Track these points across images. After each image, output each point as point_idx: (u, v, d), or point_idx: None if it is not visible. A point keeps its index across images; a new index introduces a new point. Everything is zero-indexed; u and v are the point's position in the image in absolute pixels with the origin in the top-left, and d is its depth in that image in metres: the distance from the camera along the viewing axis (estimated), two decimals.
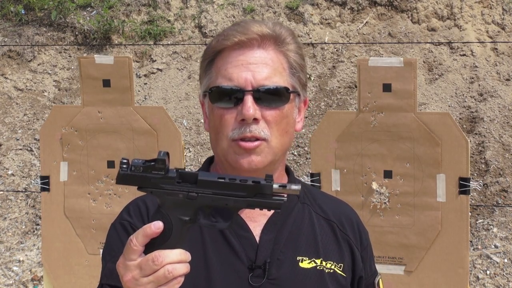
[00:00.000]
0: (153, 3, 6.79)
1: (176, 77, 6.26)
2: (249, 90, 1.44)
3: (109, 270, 1.47)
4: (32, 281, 4.88)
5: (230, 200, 1.26)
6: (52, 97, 6.35)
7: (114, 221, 1.54)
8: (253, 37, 1.47)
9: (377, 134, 2.67)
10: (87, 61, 2.86)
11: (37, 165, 5.68)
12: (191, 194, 1.25)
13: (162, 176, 1.24)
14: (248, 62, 1.46)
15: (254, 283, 1.45)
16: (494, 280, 4.53)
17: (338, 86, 5.97)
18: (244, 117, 1.43)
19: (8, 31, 6.87)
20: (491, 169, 5.12)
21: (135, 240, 1.23)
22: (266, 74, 1.46)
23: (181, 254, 1.23)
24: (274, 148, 1.47)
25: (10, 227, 5.36)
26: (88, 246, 2.91)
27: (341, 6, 6.50)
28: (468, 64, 5.92)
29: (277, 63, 1.49)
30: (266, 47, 1.48)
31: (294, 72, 1.52)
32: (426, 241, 2.65)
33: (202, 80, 1.54)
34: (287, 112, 1.49)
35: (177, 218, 1.25)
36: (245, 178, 1.26)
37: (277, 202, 1.25)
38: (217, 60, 1.50)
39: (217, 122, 1.48)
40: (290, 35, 1.53)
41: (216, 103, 1.48)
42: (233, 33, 1.47)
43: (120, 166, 1.24)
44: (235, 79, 1.45)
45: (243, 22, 1.52)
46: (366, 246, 1.64)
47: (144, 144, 2.83)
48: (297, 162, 5.46)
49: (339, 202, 1.71)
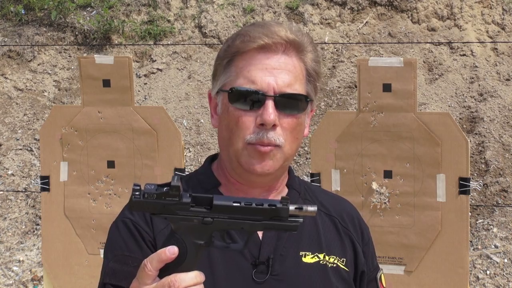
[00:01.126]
0: (153, 3, 6.79)
1: (176, 77, 6.26)
2: (271, 96, 1.44)
3: (111, 269, 1.47)
4: (32, 281, 4.89)
5: (246, 224, 1.25)
6: (52, 97, 6.35)
7: (116, 219, 1.54)
8: (279, 41, 1.47)
9: (377, 134, 2.67)
10: (87, 61, 2.86)
11: (37, 165, 5.68)
12: (207, 219, 1.24)
13: (176, 202, 1.23)
14: (273, 67, 1.46)
15: (258, 279, 1.46)
16: (494, 280, 4.53)
17: (338, 86, 5.97)
18: (265, 122, 1.43)
19: (8, 31, 6.87)
20: (491, 169, 5.12)
21: (150, 265, 1.22)
22: (288, 81, 1.46)
23: (196, 277, 1.23)
24: (286, 154, 1.48)
25: (10, 227, 5.36)
26: (88, 246, 2.91)
27: (341, 6, 6.50)
28: (468, 64, 5.92)
29: (298, 71, 1.49)
30: (289, 53, 1.49)
31: (311, 80, 1.53)
32: (426, 241, 2.65)
33: (218, 77, 1.53)
34: (301, 120, 1.51)
35: (191, 242, 1.24)
36: (260, 201, 1.25)
37: (293, 225, 1.25)
38: (237, 60, 1.49)
39: (232, 122, 1.47)
40: (311, 44, 1.53)
41: (234, 103, 1.47)
42: (259, 35, 1.47)
43: (132, 192, 1.22)
44: (258, 82, 1.45)
45: (267, 24, 1.51)
46: (368, 242, 1.65)
47: (144, 144, 2.83)
48: (297, 162, 5.46)
49: (339, 198, 1.72)
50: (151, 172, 2.83)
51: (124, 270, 1.37)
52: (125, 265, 1.42)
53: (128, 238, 1.48)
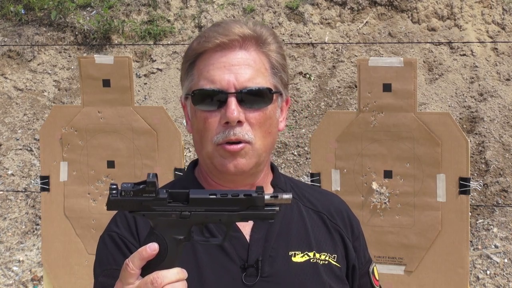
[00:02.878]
0: (153, 3, 6.79)
1: (176, 77, 6.26)
2: (233, 92, 1.43)
3: (100, 284, 1.47)
4: (32, 281, 4.88)
5: (224, 215, 1.26)
6: (52, 97, 6.35)
7: (103, 234, 1.54)
8: (235, 38, 1.46)
9: (377, 134, 2.67)
10: (87, 61, 2.86)
11: (37, 165, 5.68)
12: (184, 213, 1.25)
13: (153, 198, 1.24)
14: (231, 64, 1.45)
15: (247, 282, 1.45)
16: (494, 280, 4.53)
17: (338, 86, 5.97)
18: (228, 120, 1.42)
19: (8, 31, 6.87)
20: (491, 169, 5.12)
21: (131, 264, 1.22)
22: (248, 76, 1.45)
23: (178, 273, 1.23)
24: (258, 150, 1.47)
25: (10, 227, 5.35)
26: (88, 246, 2.91)
27: (341, 6, 6.50)
28: (468, 64, 5.92)
29: (259, 64, 1.48)
30: (247, 48, 1.48)
31: (276, 72, 1.51)
32: (426, 241, 2.65)
33: (184, 82, 1.53)
34: (270, 113, 1.49)
35: (171, 238, 1.25)
36: (236, 192, 1.26)
37: (270, 213, 1.26)
38: (198, 62, 1.49)
39: (200, 125, 1.47)
40: (271, 35, 1.52)
41: (198, 105, 1.47)
42: (214, 35, 1.46)
43: (109, 191, 1.23)
44: (218, 81, 1.44)
45: (223, 23, 1.51)
46: (358, 236, 1.64)
47: (144, 144, 2.83)
48: (297, 162, 5.45)
49: (326, 193, 1.71)
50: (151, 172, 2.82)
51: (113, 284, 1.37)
52: (114, 278, 1.41)
53: (115, 252, 1.48)
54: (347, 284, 1.57)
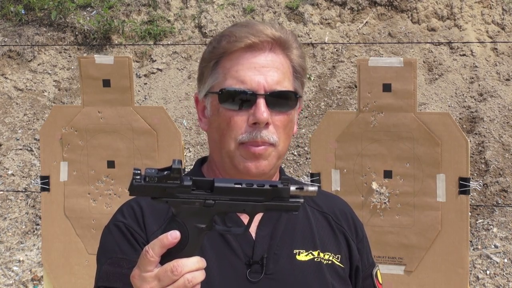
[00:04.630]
0: (153, 3, 6.80)
1: (176, 77, 6.26)
2: (262, 94, 1.44)
3: (105, 272, 1.45)
4: (32, 281, 4.89)
5: (248, 205, 1.25)
6: (52, 97, 6.35)
7: (108, 223, 1.53)
8: (266, 39, 1.47)
9: (377, 134, 2.67)
10: (87, 61, 2.86)
11: (37, 165, 5.68)
12: (208, 202, 1.23)
13: (178, 185, 1.21)
14: (261, 66, 1.46)
15: (252, 278, 1.45)
16: (494, 280, 4.53)
17: (338, 86, 5.97)
18: (258, 121, 1.43)
19: (8, 31, 6.88)
20: (491, 169, 5.12)
21: (151, 251, 1.20)
22: (277, 78, 1.46)
23: (198, 262, 1.21)
24: (280, 152, 1.49)
25: (10, 227, 5.36)
26: (88, 246, 2.91)
27: (341, 6, 6.50)
28: (468, 64, 5.92)
29: (286, 67, 1.49)
30: (275, 50, 1.49)
31: (298, 76, 1.53)
32: (426, 241, 2.65)
33: (205, 79, 1.52)
34: (292, 117, 1.51)
35: (193, 226, 1.23)
36: (261, 182, 1.25)
37: (294, 205, 1.25)
38: (224, 61, 1.48)
39: (223, 123, 1.47)
40: (294, 40, 1.53)
41: (224, 104, 1.46)
42: (246, 35, 1.46)
43: (133, 176, 1.19)
44: (248, 82, 1.45)
45: (250, 23, 1.51)
46: (362, 238, 1.64)
47: (144, 144, 2.83)
48: (297, 162, 5.46)
49: (331, 196, 1.72)
50: None
51: (118, 272, 1.36)
52: (119, 267, 1.40)
53: (122, 241, 1.47)
54: (349, 285, 1.58)
